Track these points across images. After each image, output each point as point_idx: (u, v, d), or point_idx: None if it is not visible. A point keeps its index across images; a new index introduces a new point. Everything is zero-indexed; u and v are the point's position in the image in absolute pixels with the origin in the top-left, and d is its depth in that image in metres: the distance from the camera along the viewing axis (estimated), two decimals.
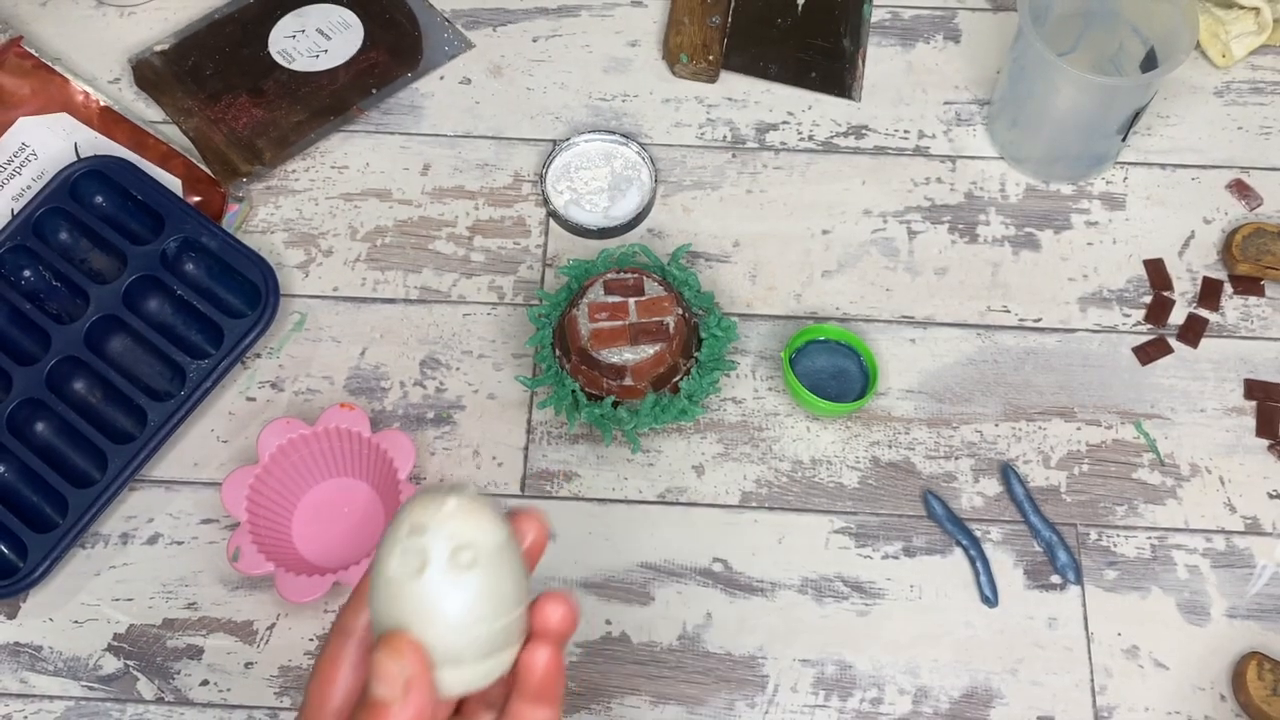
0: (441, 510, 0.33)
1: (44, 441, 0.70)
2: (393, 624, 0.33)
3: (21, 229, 0.72)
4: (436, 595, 0.33)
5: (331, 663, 0.37)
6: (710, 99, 0.81)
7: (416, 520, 0.33)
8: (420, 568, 0.33)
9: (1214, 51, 0.81)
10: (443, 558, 0.33)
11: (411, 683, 0.33)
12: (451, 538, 0.33)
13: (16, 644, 0.66)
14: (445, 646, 0.33)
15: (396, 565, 0.33)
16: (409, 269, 0.75)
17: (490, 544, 0.33)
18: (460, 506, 0.33)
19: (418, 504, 0.34)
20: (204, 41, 0.82)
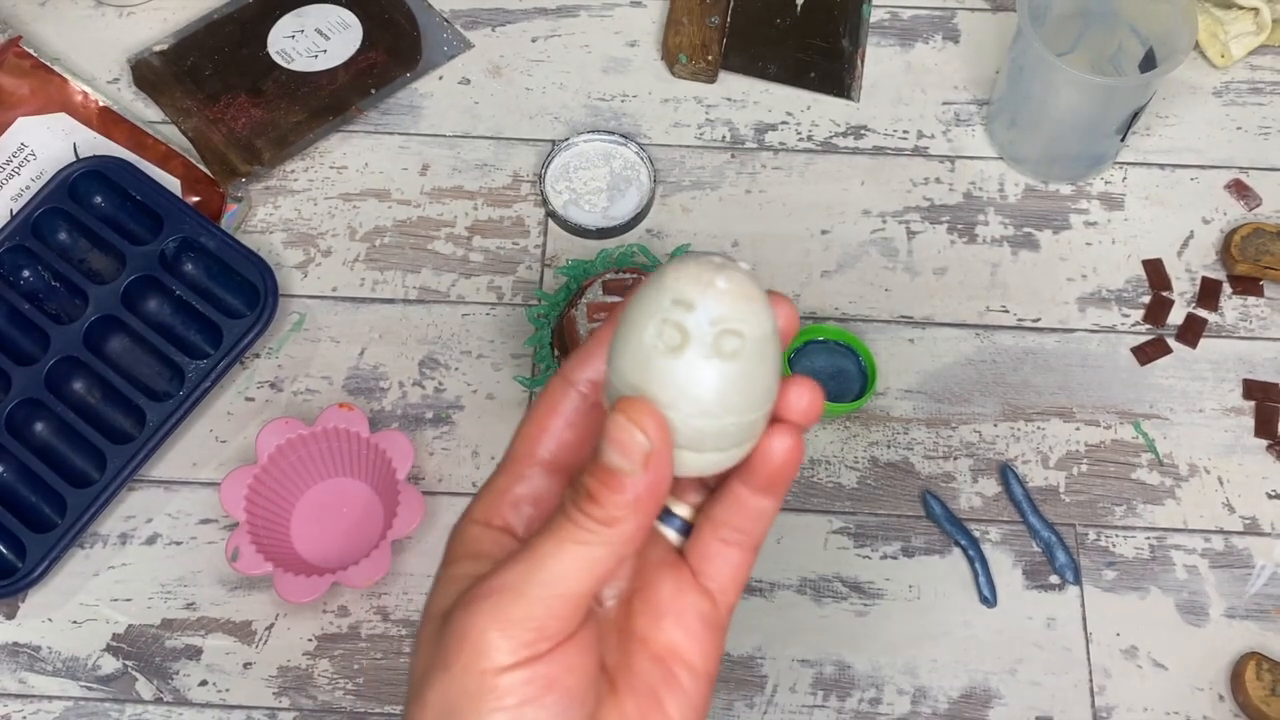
0: (713, 289, 0.30)
1: (43, 441, 0.70)
2: (634, 393, 0.31)
3: (20, 229, 0.72)
4: (692, 378, 0.30)
5: (549, 411, 0.34)
6: (709, 99, 0.81)
7: (684, 294, 0.30)
8: (680, 345, 0.30)
9: (1213, 52, 0.81)
10: (707, 341, 0.30)
11: (652, 458, 0.30)
12: (719, 322, 0.30)
13: (15, 644, 0.66)
14: (689, 431, 0.31)
15: (653, 335, 0.30)
16: (408, 269, 0.75)
17: (757, 334, 0.31)
18: (733, 289, 0.30)
19: (686, 275, 0.31)
20: (203, 42, 0.82)
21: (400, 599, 0.67)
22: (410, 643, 0.66)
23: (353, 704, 0.64)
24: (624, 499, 0.30)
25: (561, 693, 0.30)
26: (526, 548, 0.31)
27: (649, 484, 0.30)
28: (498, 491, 0.34)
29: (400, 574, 0.67)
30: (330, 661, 0.65)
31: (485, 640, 0.30)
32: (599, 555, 0.30)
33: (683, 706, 0.34)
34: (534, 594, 0.30)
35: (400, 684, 0.65)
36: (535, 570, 0.30)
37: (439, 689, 0.30)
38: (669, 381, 0.30)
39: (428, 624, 0.33)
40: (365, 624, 0.66)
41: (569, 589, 0.30)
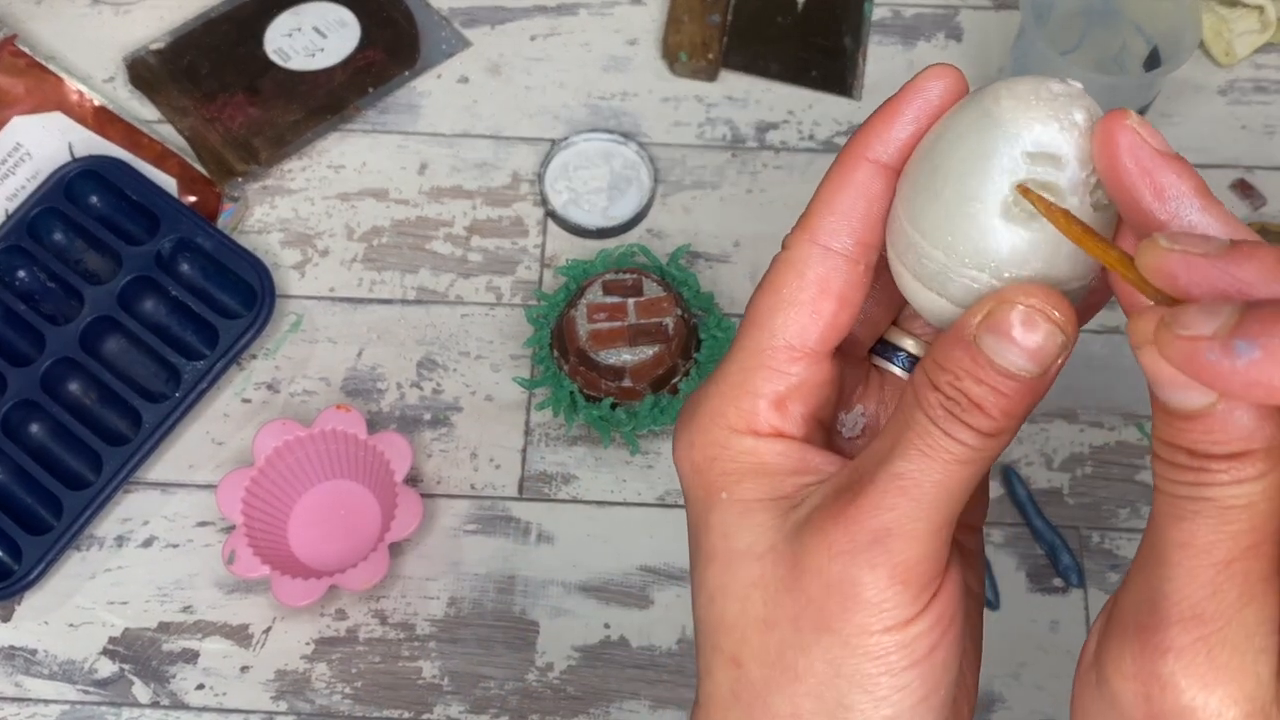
0: (1077, 130, 0.24)
1: (38, 443, 0.69)
2: (955, 258, 0.25)
3: (16, 229, 0.72)
4: (1054, 248, 0.24)
5: (811, 285, 0.28)
6: (710, 98, 0.80)
7: (1046, 144, 0.24)
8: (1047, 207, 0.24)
9: (1217, 50, 0.81)
10: (1076, 199, 0.24)
11: (1061, 362, 0.25)
12: (1087, 164, 0.24)
13: (11, 647, 0.65)
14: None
15: (1010, 199, 0.24)
16: (406, 269, 0.75)
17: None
18: (1091, 119, 0.24)
19: (1036, 112, 0.24)
20: (199, 40, 0.81)
21: (398, 602, 0.66)
22: (408, 646, 0.65)
23: (350, 708, 0.64)
24: (1021, 406, 0.25)
25: (960, 624, 0.27)
26: (896, 474, 0.25)
27: (1044, 389, 0.25)
28: (753, 392, 0.28)
29: (398, 577, 0.67)
30: (328, 665, 0.65)
31: (885, 596, 0.25)
32: (981, 471, 0.26)
33: (974, 570, 0.31)
34: (923, 531, 0.25)
35: (398, 687, 0.64)
36: (919, 502, 0.25)
37: (820, 654, 0.26)
38: (1019, 256, 0.24)
39: (744, 565, 0.27)
40: (363, 627, 0.66)
41: (954, 513, 0.26)
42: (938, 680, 0.26)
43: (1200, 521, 0.23)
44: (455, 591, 0.67)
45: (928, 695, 0.26)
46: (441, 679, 0.65)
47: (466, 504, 0.69)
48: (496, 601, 0.66)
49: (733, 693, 0.27)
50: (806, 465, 0.28)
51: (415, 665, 0.65)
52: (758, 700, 0.27)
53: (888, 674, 0.26)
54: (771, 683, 0.27)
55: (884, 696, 0.26)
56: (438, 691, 0.64)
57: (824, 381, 0.29)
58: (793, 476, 0.28)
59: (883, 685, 0.26)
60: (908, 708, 0.26)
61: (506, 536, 0.68)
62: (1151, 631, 0.24)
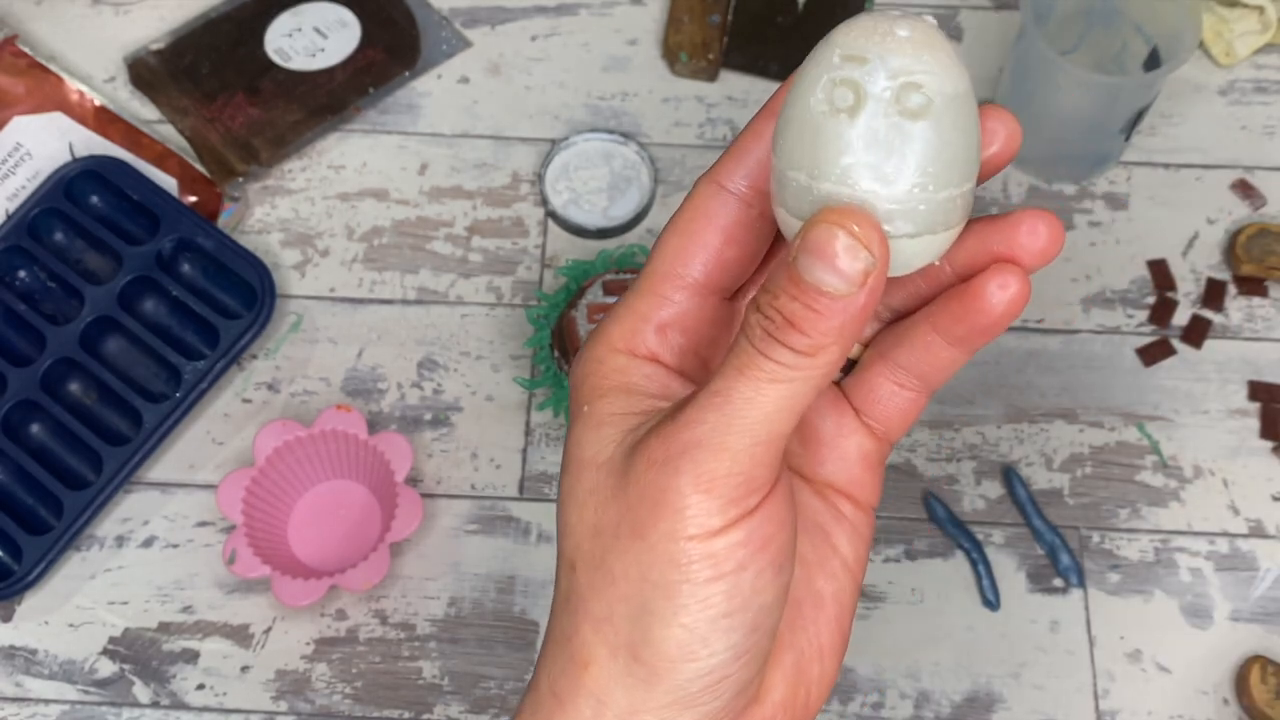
0: (892, 38, 0.26)
1: (39, 443, 0.69)
2: (806, 173, 0.26)
3: (16, 229, 0.72)
4: (870, 140, 0.26)
5: (703, 221, 0.29)
6: (710, 98, 0.80)
7: (855, 47, 0.26)
8: (854, 106, 0.26)
9: (1217, 50, 0.81)
10: (885, 96, 0.25)
11: (872, 277, 0.25)
12: (899, 73, 0.25)
13: (11, 647, 0.65)
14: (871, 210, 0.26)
15: (820, 99, 0.26)
16: (406, 269, 0.75)
17: (947, 91, 0.26)
18: (917, 38, 0.26)
19: (858, 28, 0.26)
20: (200, 40, 0.81)
21: (399, 602, 0.66)
22: (408, 646, 0.65)
23: (350, 708, 0.64)
24: (833, 324, 0.25)
25: (776, 551, 0.27)
26: (714, 392, 0.26)
27: (865, 306, 0.25)
28: (638, 315, 0.30)
29: (399, 577, 0.67)
30: (328, 665, 0.65)
31: (689, 503, 0.26)
32: (801, 392, 0.26)
33: (852, 540, 0.31)
34: (736, 445, 0.26)
35: (399, 687, 0.64)
36: (733, 418, 0.26)
37: (633, 560, 0.27)
38: (843, 149, 0.26)
39: (585, 472, 0.28)
40: (363, 627, 0.66)
41: (772, 433, 0.26)
42: (744, 601, 0.27)
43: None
44: (456, 591, 0.67)
45: (731, 613, 0.27)
46: (442, 679, 0.65)
47: (467, 504, 0.69)
48: (497, 602, 0.66)
49: (564, 596, 0.29)
50: (668, 391, 0.29)
51: (415, 665, 0.65)
52: (582, 604, 0.28)
53: (688, 583, 0.26)
54: (593, 586, 0.28)
55: (683, 605, 0.26)
56: (438, 691, 0.64)
57: (711, 319, 0.30)
58: (652, 399, 0.29)
59: (683, 593, 0.26)
60: (706, 619, 0.26)
61: (507, 536, 0.68)
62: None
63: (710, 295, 0.30)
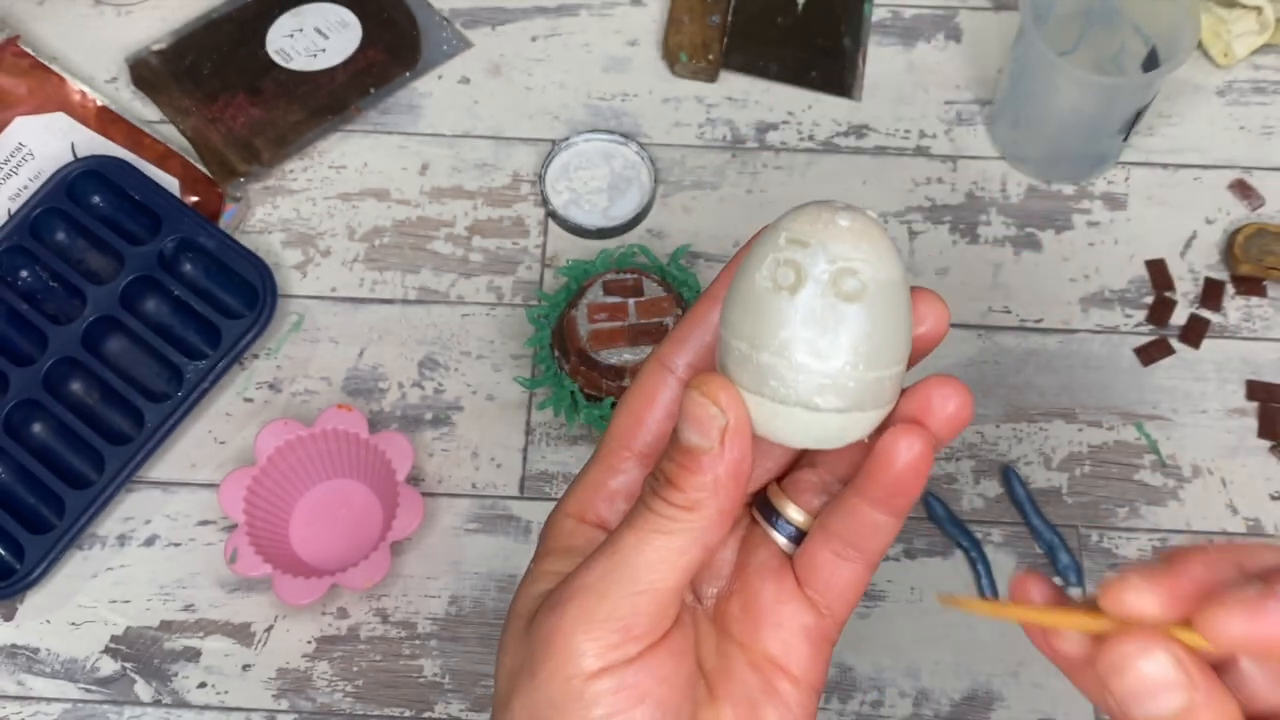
0: (832, 226, 0.28)
1: (41, 443, 0.69)
2: (748, 343, 0.28)
3: (18, 229, 0.72)
4: (807, 318, 0.28)
5: (645, 400, 0.32)
6: (710, 98, 0.81)
7: (799, 232, 0.28)
8: (794, 284, 0.28)
9: (1216, 51, 0.81)
10: (824, 279, 0.28)
11: (728, 433, 0.28)
12: (837, 258, 0.28)
13: (13, 646, 0.66)
14: (802, 384, 0.28)
15: (765, 276, 0.28)
16: (407, 269, 0.75)
17: (881, 278, 0.28)
18: (856, 227, 0.28)
19: (803, 215, 0.28)
20: (201, 41, 0.82)
21: (400, 601, 0.66)
22: (409, 645, 0.65)
23: (352, 706, 0.64)
24: (704, 480, 0.28)
25: (653, 704, 0.28)
26: (608, 543, 0.29)
27: (729, 462, 0.28)
28: (592, 484, 0.33)
29: (399, 576, 0.67)
30: (329, 663, 0.65)
31: (571, 645, 0.28)
32: (682, 545, 0.28)
33: (783, 718, 0.31)
34: (618, 592, 0.28)
35: (399, 685, 0.65)
36: (617, 566, 0.28)
37: (524, 698, 0.29)
38: (782, 323, 0.28)
39: (513, 623, 0.31)
40: (364, 626, 0.66)
41: (654, 584, 0.28)
42: None
43: None
44: (456, 590, 0.67)
45: None
46: (442, 677, 0.65)
47: (468, 503, 0.69)
48: (497, 600, 0.67)
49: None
50: None
51: (416, 664, 0.65)
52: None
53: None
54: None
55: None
56: (439, 690, 0.65)
57: None
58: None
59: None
60: None
61: (507, 535, 0.68)
62: None
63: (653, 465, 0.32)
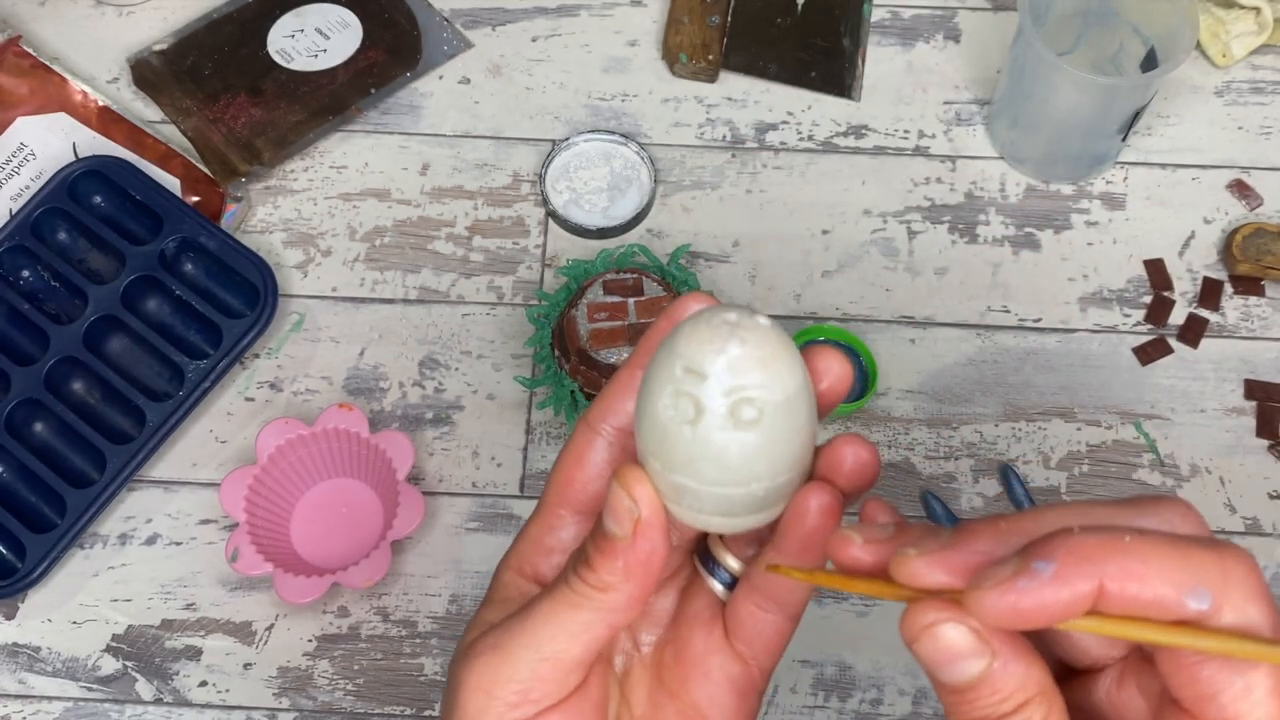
0: (724, 356, 0.28)
1: (42, 442, 0.70)
2: (660, 463, 0.30)
3: (20, 229, 0.72)
4: (709, 450, 0.29)
5: (576, 460, 0.33)
6: (710, 99, 0.81)
7: (695, 362, 0.28)
8: (694, 418, 0.29)
9: (1214, 51, 0.81)
10: (720, 413, 0.28)
11: (640, 526, 0.29)
12: (734, 391, 0.28)
13: (15, 645, 0.66)
14: (714, 499, 0.30)
15: (667, 406, 0.29)
16: (408, 269, 0.75)
17: (777, 399, 0.29)
18: (747, 353, 0.28)
19: (696, 340, 0.28)
20: (202, 41, 0.82)
21: (400, 599, 0.67)
22: (410, 643, 0.66)
23: (353, 704, 0.64)
24: (615, 565, 0.29)
25: None
26: (525, 606, 0.31)
27: (640, 552, 0.29)
28: (531, 539, 0.34)
29: (400, 574, 0.67)
30: (330, 662, 0.65)
31: (472, 699, 0.30)
32: (589, 620, 0.30)
33: None
34: (520, 656, 0.30)
35: (400, 684, 0.65)
36: (526, 631, 0.30)
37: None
38: (688, 453, 0.29)
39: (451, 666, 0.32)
40: (365, 624, 0.66)
41: (556, 653, 0.30)
42: None
43: None
44: (457, 589, 0.67)
45: None
46: (443, 676, 0.65)
47: (468, 502, 0.69)
48: None
49: None
50: None
51: (417, 662, 0.65)
52: None
53: None
54: None
55: None
56: (439, 688, 0.65)
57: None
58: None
59: None
60: None
61: (508, 534, 0.68)
62: None
63: (590, 521, 0.33)
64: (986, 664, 0.25)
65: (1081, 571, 0.24)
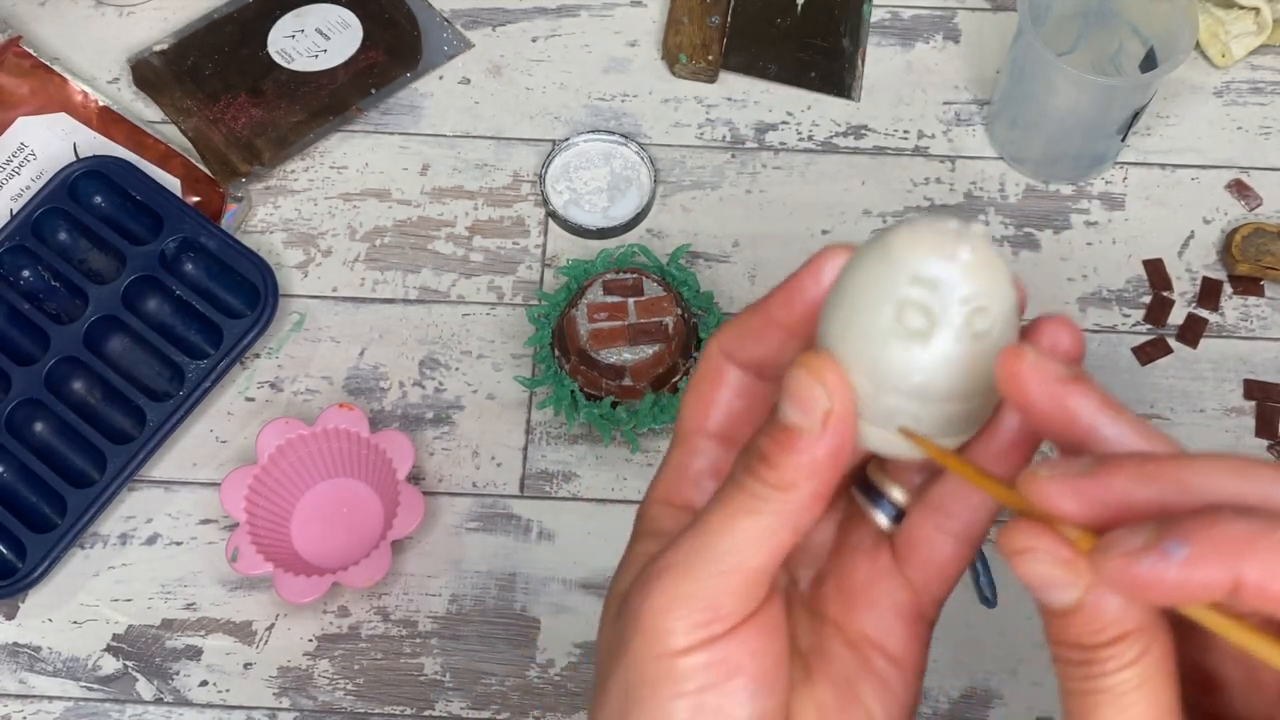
0: (955, 264, 0.26)
1: (43, 442, 0.70)
2: (872, 382, 0.27)
3: (20, 229, 0.72)
4: (940, 365, 0.27)
5: (712, 382, 0.32)
6: (709, 99, 0.81)
7: (925, 270, 0.26)
8: (926, 331, 0.27)
9: (1213, 51, 0.81)
10: (957, 322, 0.27)
11: (831, 418, 0.27)
12: (970, 300, 0.26)
13: (15, 644, 0.66)
14: (933, 419, 0.28)
15: (890, 319, 0.27)
16: (408, 269, 0.75)
17: (1004, 308, 0.27)
18: (978, 260, 0.27)
19: (923, 246, 0.27)
20: (203, 41, 0.82)
21: (400, 599, 0.67)
22: (410, 643, 0.66)
23: (353, 704, 0.64)
24: (801, 460, 0.27)
25: (747, 678, 0.28)
26: (697, 521, 0.29)
27: (828, 446, 0.27)
28: (675, 468, 0.32)
29: (400, 574, 0.67)
30: (330, 662, 0.65)
31: (659, 623, 0.28)
32: (771, 525, 0.28)
33: (881, 696, 0.31)
34: (705, 570, 0.28)
35: (400, 684, 0.65)
36: (705, 545, 0.28)
37: (617, 676, 0.29)
38: (912, 370, 0.27)
39: (608, 605, 0.31)
40: (365, 624, 0.66)
41: (742, 563, 0.28)
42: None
43: (1104, 713, 0.26)
44: (457, 589, 0.67)
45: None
46: (443, 675, 0.65)
47: (468, 502, 0.69)
48: (498, 599, 0.67)
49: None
50: None
51: (417, 662, 0.65)
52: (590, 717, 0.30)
53: (655, 698, 0.28)
54: (597, 703, 0.30)
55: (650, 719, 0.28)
56: (439, 688, 0.65)
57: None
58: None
59: (649, 709, 0.28)
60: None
61: (508, 534, 0.68)
62: None
63: (732, 445, 0.32)
64: (1079, 596, 0.25)
65: (1217, 564, 0.23)
